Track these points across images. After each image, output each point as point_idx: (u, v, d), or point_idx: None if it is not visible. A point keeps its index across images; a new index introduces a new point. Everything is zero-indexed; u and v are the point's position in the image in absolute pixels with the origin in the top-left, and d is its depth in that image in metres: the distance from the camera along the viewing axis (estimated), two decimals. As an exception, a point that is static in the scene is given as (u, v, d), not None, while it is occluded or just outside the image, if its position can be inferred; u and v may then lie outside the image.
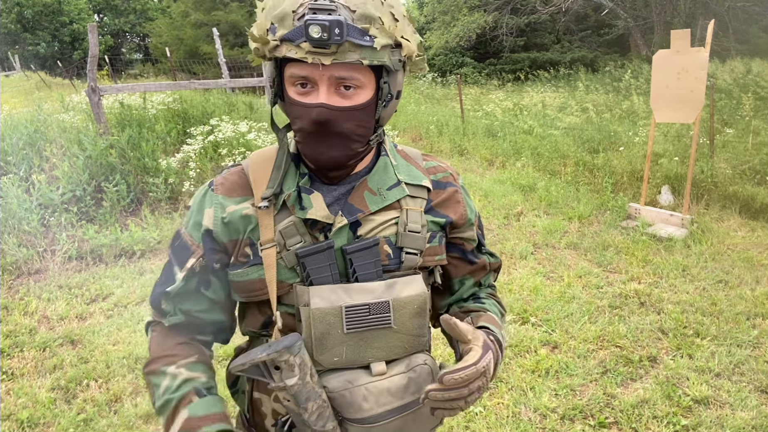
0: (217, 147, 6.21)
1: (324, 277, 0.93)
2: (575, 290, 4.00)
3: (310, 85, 0.88)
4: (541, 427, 2.63)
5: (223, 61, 11.87)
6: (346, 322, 0.91)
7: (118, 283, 4.23)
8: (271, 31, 0.85)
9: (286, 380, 0.86)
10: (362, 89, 0.89)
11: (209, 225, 0.98)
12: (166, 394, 0.96)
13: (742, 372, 3.00)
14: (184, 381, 0.96)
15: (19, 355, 3.30)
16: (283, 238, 0.94)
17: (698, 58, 4.88)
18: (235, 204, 0.98)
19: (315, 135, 0.89)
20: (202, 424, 0.91)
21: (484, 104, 12.48)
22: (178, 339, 1.02)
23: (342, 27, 0.80)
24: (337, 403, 0.91)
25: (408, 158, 1.07)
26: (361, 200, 0.97)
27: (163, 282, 1.02)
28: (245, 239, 0.97)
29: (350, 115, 0.89)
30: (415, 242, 0.98)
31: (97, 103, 6.14)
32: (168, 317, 1.02)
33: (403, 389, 0.93)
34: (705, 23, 12.77)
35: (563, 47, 19.70)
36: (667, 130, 7.84)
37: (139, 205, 5.52)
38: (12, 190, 4.78)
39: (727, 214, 5.54)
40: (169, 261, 1.03)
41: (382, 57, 0.86)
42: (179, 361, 0.99)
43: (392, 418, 0.92)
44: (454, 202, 1.06)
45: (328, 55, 0.82)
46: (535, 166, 7.54)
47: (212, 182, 1.02)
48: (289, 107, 0.91)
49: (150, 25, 29.00)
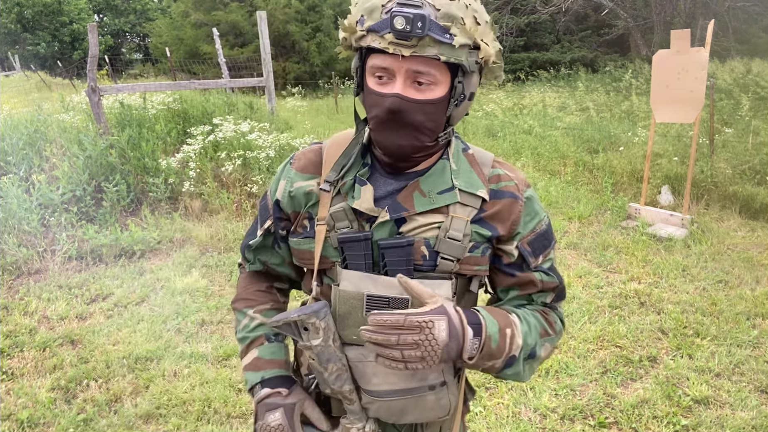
0: (217, 147, 6.21)
1: (358, 263, 1.00)
2: (575, 290, 4.00)
3: (387, 77, 0.93)
4: (541, 427, 2.63)
5: (223, 61, 11.89)
6: (366, 308, 0.99)
7: (118, 283, 4.23)
8: (360, 23, 0.92)
9: (311, 340, 0.97)
10: (436, 85, 0.93)
11: (278, 196, 1.11)
12: (244, 331, 1.16)
13: (742, 372, 3.00)
14: (258, 325, 1.15)
15: (19, 355, 3.30)
16: (333, 220, 1.02)
17: (698, 58, 4.88)
18: (303, 180, 1.08)
19: (387, 123, 0.95)
20: (266, 367, 1.10)
21: (484, 104, 12.49)
22: (258, 285, 1.21)
23: (425, 21, 0.85)
24: (354, 372, 1.01)
25: (474, 164, 1.07)
26: (409, 200, 1.01)
27: (250, 233, 1.19)
28: (305, 213, 1.07)
29: (422, 108, 0.93)
30: (452, 250, 1.00)
31: (97, 103, 6.14)
32: (249, 264, 1.20)
33: (409, 375, 0.99)
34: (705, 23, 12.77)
35: (563, 47, 19.70)
36: (667, 130, 7.84)
37: (139, 205, 5.52)
38: (12, 190, 4.78)
39: (727, 214, 5.54)
40: (257, 216, 1.18)
41: (459, 56, 0.90)
42: (257, 306, 1.17)
43: (397, 398, 1.00)
44: (506, 214, 1.04)
45: (408, 47, 0.87)
46: (535, 166, 7.54)
47: (293, 156, 1.13)
48: (367, 96, 0.98)
49: (150, 25, 28.99)
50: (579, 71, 15.82)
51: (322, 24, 19.82)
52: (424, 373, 0.99)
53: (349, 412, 1.02)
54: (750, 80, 11.09)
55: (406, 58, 0.89)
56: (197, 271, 4.39)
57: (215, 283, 4.23)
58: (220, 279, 4.31)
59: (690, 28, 7.76)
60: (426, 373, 0.99)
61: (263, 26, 7.54)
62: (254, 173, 5.86)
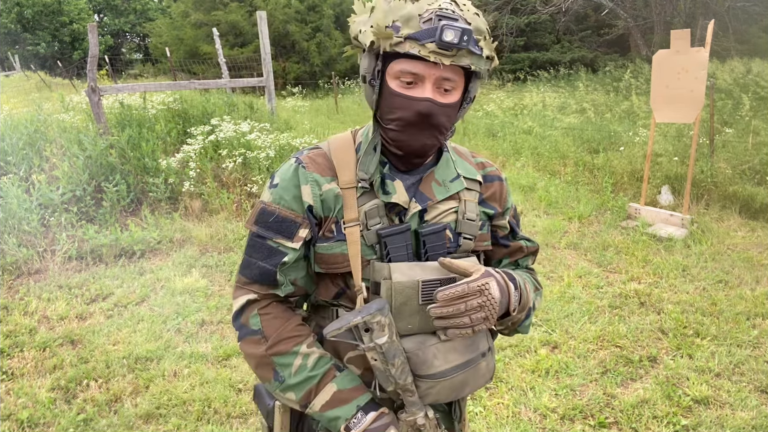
0: (217, 147, 6.21)
1: (401, 255, 1.05)
2: (575, 290, 4.00)
3: (415, 81, 0.99)
4: (541, 427, 2.63)
5: (223, 61, 11.88)
6: (422, 294, 1.03)
7: (118, 283, 4.23)
8: (394, 29, 0.96)
9: (376, 340, 0.98)
10: (456, 90, 1.02)
11: (310, 201, 1.07)
12: (302, 372, 1.05)
13: (742, 372, 3.00)
14: (319, 358, 1.06)
15: (19, 355, 3.30)
16: (366, 218, 1.06)
17: (698, 58, 4.88)
18: (328, 183, 1.08)
19: (416, 125, 1.01)
20: (354, 395, 1.05)
21: (484, 104, 12.49)
22: (294, 320, 1.10)
23: (470, 36, 0.94)
24: (412, 363, 1.02)
25: (461, 155, 1.21)
26: (430, 189, 1.10)
27: (266, 257, 1.07)
28: (333, 217, 1.08)
29: (446, 111, 1.02)
30: (471, 229, 1.13)
31: (97, 103, 6.14)
32: (282, 288, 1.09)
33: (466, 347, 1.06)
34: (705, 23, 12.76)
35: (563, 47, 19.69)
36: (667, 130, 7.84)
37: (139, 205, 5.52)
38: (12, 190, 4.78)
39: (727, 214, 5.54)
40: (261, 236, 1.08)
41: (482, 65, 1.00)
42: (306, 341, 1.08)
43: (458, 373, 1.04)
44: (499, 195, 1.21)
45: (449, 57, 0.95)
46: (535, 166, 7.54)
47: (299, 160, 1.11)
48: (389, 98, 1.02)
49: (150, 25, 28.97)
50: (579, 71, 15.82)
51: (322, 24, 19.81)
52: (476, 343, 1.07)
53: (409, 405, 1.04)
54: (750, 80, 11.09)
55: (442, 66, 0.96)
56: (197, 271, 4.39)
57: (215, 283, 4.23)
58: (220, 279, 4.31)
59: (690, 28, 7.76)
60: (478, 343, 1.08)
61: (263, 26, 7.54)
62: (254, 173, 5.86)
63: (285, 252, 1.07)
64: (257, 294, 1.09)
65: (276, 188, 1.10)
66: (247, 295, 1.09)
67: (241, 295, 1.09)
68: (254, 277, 1.08)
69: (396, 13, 0.97)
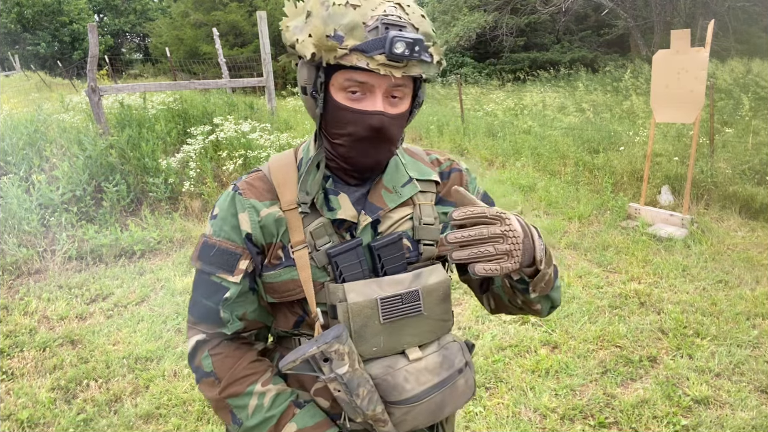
0: (217, 147, 6.21)
1: (355, 273, 0.98)
2: (575, 290, 4.00)
3: (362, 93, 0.92)
4: (541, 427, 2.63)
5: (223, 61, 11.89)
6: (381, 313, 0.96)
7: (118, 283, 4.23)
8: (336, 39, 0.88)
9: (336, 370, 0.90)
10: (406, 98, 0.96)
11: (248, 229, 1.00)
12: (259, 413, 0.97)
13: (742, 372, 3.00)
14: (276, 396, 0.99)
15: (19, 355, 3.30)
16: (313, 238, 0.99)
17: (698, 58, 4.88)
18: (266, 207, 1.01)
19: (368, 140, 0.94)
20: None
21: (484, 104, 12.49)
22: (248, 356, 1.02)
23: (421, 45, 0.88)
24: (381, 389, 0.95)
25: (414, 155, 1.13)
26: (380, 198, 1.03)
27: (209, 294, 1.01)
28: (278, 242, 1.00)
29: (398, 122, 0.96)
30: (430, 234, 1.05)
31: (97, 103, 6.14)
32: (229, 325, 1.01)
33: (439, 366, 1.00)
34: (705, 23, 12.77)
35: (563, 47, 19.69)
36: (667, 130, 7.84)
37: (139, 205, 5.52)
38: (12, 190, 4.78)
39: (727, 214, 5.54)
40: (204, 272, 1.02)
41: (432, 72, 0.95)
42: (261, 378, 1.00)
43: (434, 395, 0.98)
44: (458, 184, 1.11)
45: (400, 69, 0.89)
46: (535, 166, 7.54)
47: (236, 187, 1.04)
48: (336, 112, 0.94)
49: (150, 25, 29.00)
50: (579, 71, 15.81)
51: (322, 24, 19.78)
52: (451, 360, 1.01)
53: None
54: (750, 80, 11.08)
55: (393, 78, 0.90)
56: (197, 271, 4.39)
57: (215, 283, 4.22)
58: (220, 279, 4.30)
59: (690, 28, 7.76)
60: (453, 359, 1.02)
61: (263, 26, 7.54)
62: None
63: (227, 287, 1.00)
64: (206, 334, 1.02)
65: (216, 219, 1.03)
66: (197, 336, 1.02)
67: (191, 335, 1.03)
68: (200, 317, 1.02)
69: (337, 21, 0.88)
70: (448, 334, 1.07)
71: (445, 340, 1.05)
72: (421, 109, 1.09)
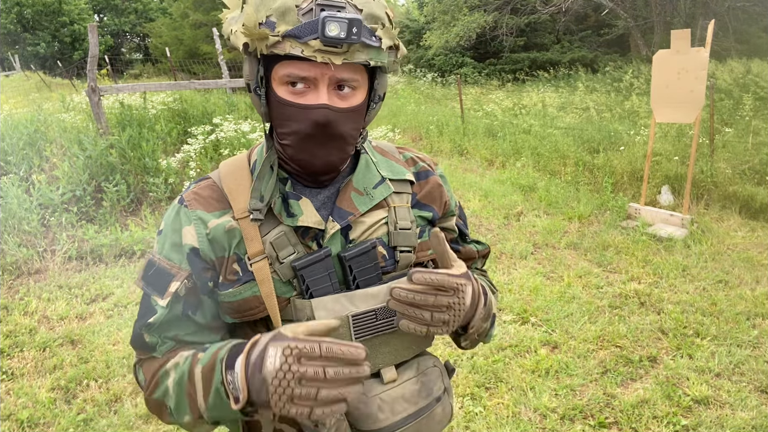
0: (217, 147, 6.21)
1: (324, 287, 0.89)
2: (575, 290, 4.00)
3: (304, 85, 0.83)
4: (541, 427, 2.63)
5: (223, 61, 11.88)
6: (354, 332, 0.88)
7: (118, 283, 4.23)
8: (268, 26, 0.79)
9: None
10: (358, 90, 0.86)
11: (194, 243, 0.90)
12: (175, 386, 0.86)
13: (742, 372, 3.00)
14: (184, 359, 0.87)
15: (19, 355, 3.30)
16: (275, 250, 0.88)
17: (698, 58, 4.88)
18: (215, 218, 0.91)
19: (313, 138, 0.84)
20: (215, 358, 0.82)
21: (484, 104, 12.48)
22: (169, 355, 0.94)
23: (360, 26, 0.77)
24: (353, 417, 0.88)
25: (385, 153, 1.04)
26: (350, 202, 0.93)
27: (140, 316, 0.92)
28: (232, 256, 0.90)
29: (349, 117, 0.85)
30: (407, 240, 0.96)
31: (97, 103, 6.14)
32: (158, 348, 0.91)
33: (417, 394, 0.93)
34: (705, 23, 12.77)
35: (563, 47, 19.68)
36: (667, 130, 7.84)
37: (139, 205, 5.52)
38: (12, 190, 4.78)
39: (727, 214, 5.54)
40: (145, 294, 0.93)
41: (384, 59, 0.84)
42: (173, 358, 0.90)
43: (409, 425, 0.91)
44: (437, 194, 1.04)
45: (340, 55, 0.79)
46: (535, 166, 7.54)
47: (182, 199, 0.94)
48: (279, 108, 0.85)
49: (150, 25, 29.01)
50: (579, 71, 15.80)
51: (322, 24, 19.80)
52: (430, 387, 0.95)
53: None
54: (750, 80, 11.08)
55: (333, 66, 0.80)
56: (197, 271, 4.40)
57: (215, 283, 4.23)
58: (220, 279, 4.31)
59: (690, 28, 7.76)
60: (431, 387, 0.95)
61: (263, 26, 7.54)
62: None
63: (155, 311, 0.90)
64: (139, 357, 0.95)
65: (160, 236, 0.94)
66: (135, 358, 0.97)
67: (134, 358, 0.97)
68: (132, 341, 0.94)
69: (269, 6, 0.79)
70: (428, 357, 0.99)
71: (425, 364, 0.97)
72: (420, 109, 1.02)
